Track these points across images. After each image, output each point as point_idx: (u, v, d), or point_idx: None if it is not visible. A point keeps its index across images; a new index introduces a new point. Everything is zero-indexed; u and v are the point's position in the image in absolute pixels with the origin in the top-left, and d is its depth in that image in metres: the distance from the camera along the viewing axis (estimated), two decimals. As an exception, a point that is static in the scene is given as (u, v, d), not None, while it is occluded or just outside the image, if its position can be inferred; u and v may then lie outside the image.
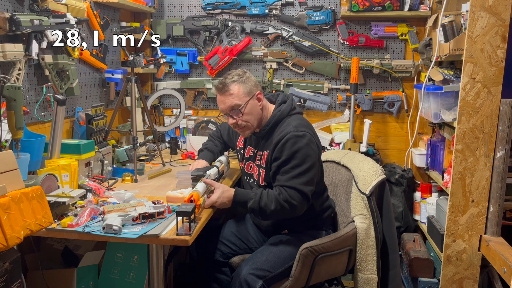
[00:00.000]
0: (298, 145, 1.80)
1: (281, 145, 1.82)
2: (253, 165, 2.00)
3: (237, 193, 1.83)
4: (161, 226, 1.58)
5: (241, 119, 1.89)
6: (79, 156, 2.02)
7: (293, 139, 1.80)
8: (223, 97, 1.89)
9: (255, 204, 1.79)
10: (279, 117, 1.91)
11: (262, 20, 3.07)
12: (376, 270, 1.94)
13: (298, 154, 1.79)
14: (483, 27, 1.88)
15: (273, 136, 1.90)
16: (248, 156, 2.03)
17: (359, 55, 2.98)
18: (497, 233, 1.97)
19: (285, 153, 1.80)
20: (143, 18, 3.16)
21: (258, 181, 1.97)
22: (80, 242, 2.12)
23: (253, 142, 2.02)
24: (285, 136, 1.83)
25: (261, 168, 1.94)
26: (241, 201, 1.82)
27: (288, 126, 1.87)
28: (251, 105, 1.89)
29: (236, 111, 1.88)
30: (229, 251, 2.09)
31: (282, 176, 1.81)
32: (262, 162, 1.93)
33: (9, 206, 1.34)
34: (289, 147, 1.80)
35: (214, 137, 2.36)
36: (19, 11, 1.99)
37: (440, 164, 2.54)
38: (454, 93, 2.27)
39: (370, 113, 3.06)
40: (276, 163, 1.83)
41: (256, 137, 2.00)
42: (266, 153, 1.92)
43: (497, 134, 1.93)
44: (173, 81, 3.23)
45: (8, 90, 1.62)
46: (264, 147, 1.94)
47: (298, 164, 1.79)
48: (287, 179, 1.79)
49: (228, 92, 1.87)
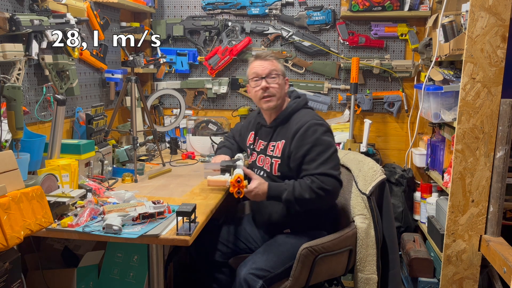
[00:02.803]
0: (319, 132, 1.85)
1: (302, 133, 1.86)
2: (264, 157, 2.01)
3: (270, 186, 1.85)
4: (161, 226, 1.58)
5: (273, 86, 1.94)
6: (79, 156, 2.02)
7: (314, 127, 1.86)
8: (263, 61, 1.97)
9: (290, 195, 1.80)
10: (295, 107, 1.97)
11: (262, 20, 3.07)
12: (376, 270, 1.94)
13: (321, 141, 1.84)
14: (483, 27, 1.88)
15: (289, 125, 1.94)
16: (259, 149, 2.05)
17: (359, 55, 2.98)
18: (497, 233, 1.97)
19: (308, 141, 1.84)
20: (143, 18, 3.16)
21: (270, 172, 1.97)
22: (80, 242, 2.12)
23: (263, 135, 2.06)
24: (304, 124, 1.87)
25: (273, 159, 1.95)
26: (275, 193, 1.84)
27: (305, 116, 1.93)
28: (283, 81, 1.99)
29: (272, 77, 1.94)
30: (229, 251, 2.09)
31: (309, 165, 1.83)
32: (276, 152, 1.95)
33: (9, 206, 1.34)
34: (311, 134, 1.84)
35: (228, 137, 2.41)
36: (19, 11, 1.99)
37: (440, 164, 2.54)
38: (454, 93, 2.27)
39: (370, 113, 3.06)
40: (300, 153, 1.85)
41: (267, 129, 2.03)
42: (282, 142, 1.93)
43: (497, 134, 1.93)
44: (173, 81, 3.23)
45: (8, 90, 1.62)
46: (278, 137, 1.96)
47: (323, 150, 1.82)
48: (315, 166, 1.81)
49: (270, 60, 1.97)
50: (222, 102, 3.22)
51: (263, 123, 2.08)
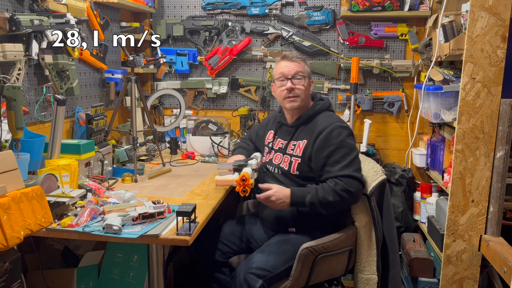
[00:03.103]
0: (343, 134, 1.89)
1: (326, 134, 1.89)
2: (281, 156, 2.03)
3: (293, 191, 1.87)
4: (161, 226, 1.58)
5: (298, 87, 1.98)
6: (79, 156, 2.02)
7: (338, 129, 1.90)
8: (290, 62, 2.00)
9: (314, 198, 1.82)
10: (318, 109, 2.02)
11: (262, 20, 3.07)
12: (376, 270, 1.94)
13: (345, 143, 1.88)
14: (483, 27, 1.88)
15: (312, 126, 1.97)
16: (278, 148, 2.07)
17: (359, 55, 2.98)
18: (497, 233, 1.97)
19: (332, 142, 1.87)
20: (143, 18, 3.16)
21: (288, 170, 1.98)
22: (80, 242, 2.12)
23: (283, 134, 2.08)
24: (328, 126, 1.91)
25: (293, 157, 1.97)
26: (298, 197, 1.85)
27: (329, 118, 1.97)
28: (308, 83, 2.02)
29: (298, 78, 1.98)
30: (229, 251, 2.09)
31: (333, 167, 1.85)
32: (296, 151, 1.97)
33: (9, 206, 1.34)
34: (335, 136, 1.88)
35: (245, 139, 2.43)
36: (19, 11, 1.99)
37: (440, 164, 2.54)
38: (454, 93, 2.27)
39: (370, 113, 3.06)
40: (323, 154, 1.88)
41: (288, 128, 2.06)
42: (303, 142, 1.96)
43: (497, 134, 1.93)
44: (173, 81, 3.23)
45: (8, 90, 1.62)
46: (300, 136, 1.99)
47: (347, 153, 1.86)
48: (340, 168, 1.84)
49: (297, 62, 2.00)
50: (222, 102, 3.22)
51: (284, 122, 2.10)
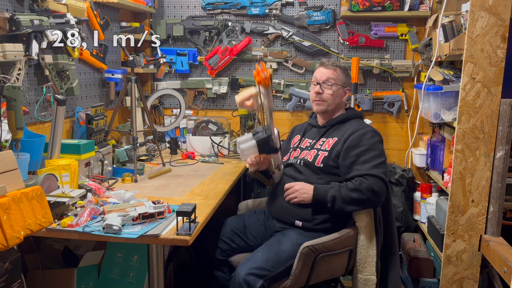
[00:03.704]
0: (376, 138, 1.99)
1: (360, 135, 1.98)
2: (307, 152, 2.09)
3: (316, 186, 1.95)
4: (161, 226, 1.58)
5: (325, 93, 2.09)
6: (79, 156, 2.02)
7: (371, 133, 2.00)
8: (325, 69, 2.12)
9: (337, 193, 1.89)
10: (352, 114, 2.14)
11: (262, 20, 3.07)
12: (375, 271, 1.94)
13: (377, 147, 1.97)
14: (483, 27, 1.88)
15: (345, 127, 2.06)
16: (305, 146, 2.14)
17: (359, 55, 2.98)
18: (497, 233, 1.97)
19: (365, 143, 1.95)
20: (143, 18, 3.16)
21: (312, 162, 2.03)
22: (80, 242, 2.12)
23: (312, 135, 2.17)
24: (363, 128, 2.01)
25: (320, 151, 2.04)
26: (321, 190, 1.93)
27: (363, 123, 2.10)
28: (339, 90, 2.12)
29: (327, 85, 2.09)
30: (229, 249, 2.08)
31: (363, 165, 1.91)
32: (325, 146, 2.05)
33: (9, 206, 1.34)
34: (369, 138, 1.97)
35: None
36: (19, 11, 1.99)
37: (440, 164, 2.54)
38: (454, 93, 2.27)
39: (370, 113, 3.06)
40: (355, 152, 1.94)
41: (318, 130, 2.15)
42: (334, 139, 2.04)
43: (497, 134, 1.93)
44: (173, 81, 3.23)
45: (8, 90, 1.62)
46: (331, 135, 2.08)
47: (378, 155, 1.94)
48: (369, 167, 1.90)
49: (332, 69, 2.11)
50: (222, 102, 3.22)
51: (314, 124, 2.19)
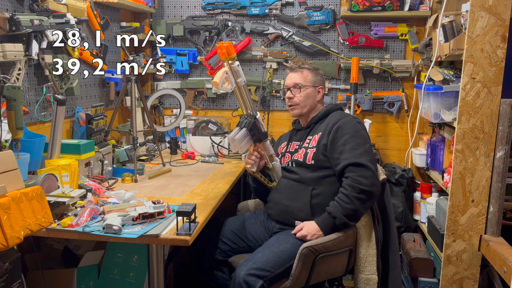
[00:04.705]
0: (358, 127, 1.99)
1: (341, 124, 1.97)
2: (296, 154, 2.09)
3: (317, 220, 1.90)
4: (161, 226, 1.58)
5: (296, 97, 2.11)
6: (79, 156, 2.02)
7: (353, 121, 1.99)
8: (292, 73, 2.15)
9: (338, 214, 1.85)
10: (331, 108, 2.12)
11: (262, 20, 3.07)
12: (376, 270, 1.94)
13: (360, 134, 1.96)
14: (483, 27, 1.88)
15: (327, 121, 2.05)
16: (294, 149, 2.13)
17: (359, 55, 2.98)
18: (497, 233, 1.97)
19: (348, 131, 1.95)
20: (143, 18, 3.16)
21: (303, 161, 2.03)
22: (80, 242, 2.12)
23: (298, 137, 2.17)
24: (343, 117, 2.00)
25: (309, 149, 2.04)
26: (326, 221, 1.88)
27: (344, 114, 2.08)
28: (310, 91, 2.12)
29: (296, 89, 2.11)
30: (228, 249, 2.09)
31: (350, 153, 1.90)
32: (312, 143, 2.04)
33: (9, 206, 1.34)
34: (350, 127, 1.96)
35: None
36: (19, 11, 1.99)
37: (440, 164, 2.54)
38: (454, 93, 2.27)
39: (370, 113, 3.06)
40: (340, 141, 1.93)
41: (303, 131, 2.15)
42: (318, 135, 2.04)
43: (497, 134, 1.93)
44: (173, 81, 3.23)
45: (8, 90, 1.62)
46: (315, 131, 2.07)
47: (363, 143, 1.93)
48: (355, 155, 1.89)
49: (299, 72, 2.14)
50: (222, 102, 3.22)
51: (299, 128, 2.19)
